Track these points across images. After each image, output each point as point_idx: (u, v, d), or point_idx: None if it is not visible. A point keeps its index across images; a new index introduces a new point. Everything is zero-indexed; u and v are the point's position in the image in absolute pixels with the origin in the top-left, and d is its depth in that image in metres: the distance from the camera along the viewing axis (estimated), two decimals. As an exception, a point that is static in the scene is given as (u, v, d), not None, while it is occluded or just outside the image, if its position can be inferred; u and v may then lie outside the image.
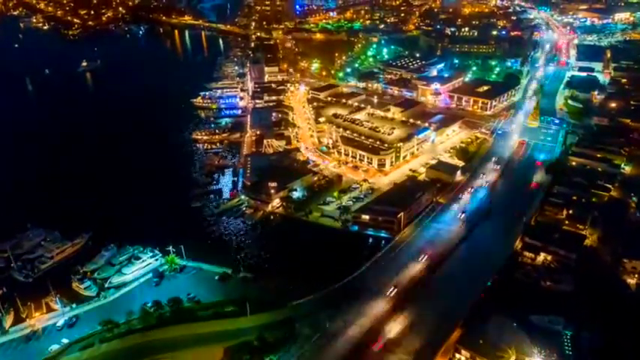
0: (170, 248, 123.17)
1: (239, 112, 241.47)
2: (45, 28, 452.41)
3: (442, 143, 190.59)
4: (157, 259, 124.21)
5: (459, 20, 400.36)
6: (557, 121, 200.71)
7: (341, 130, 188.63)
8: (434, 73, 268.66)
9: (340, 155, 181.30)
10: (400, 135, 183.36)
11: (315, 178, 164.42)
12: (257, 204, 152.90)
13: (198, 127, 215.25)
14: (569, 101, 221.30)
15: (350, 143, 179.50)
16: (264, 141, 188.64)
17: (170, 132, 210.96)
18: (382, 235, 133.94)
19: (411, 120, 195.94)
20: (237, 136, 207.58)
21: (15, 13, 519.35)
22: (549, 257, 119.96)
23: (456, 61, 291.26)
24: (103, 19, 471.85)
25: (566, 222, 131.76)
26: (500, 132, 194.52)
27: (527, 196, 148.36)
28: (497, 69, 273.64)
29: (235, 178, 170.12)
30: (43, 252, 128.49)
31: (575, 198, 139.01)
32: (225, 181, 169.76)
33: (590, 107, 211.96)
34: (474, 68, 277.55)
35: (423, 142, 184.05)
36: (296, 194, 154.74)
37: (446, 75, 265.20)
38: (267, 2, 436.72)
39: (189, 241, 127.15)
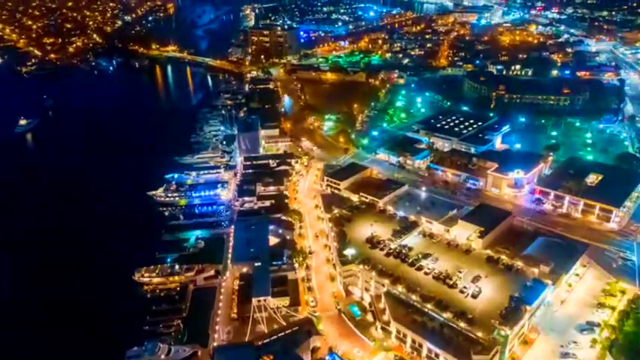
0: None
1: (220, 208, 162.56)
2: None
3: (563, 303, 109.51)
4: None
5: (503, 54, 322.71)
6: None
7: (386, 282, 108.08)
8: (498, 142, 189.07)
9: (388, 335, 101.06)
10: (495, 298, 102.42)
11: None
12: None
13: (145, 263, 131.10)
14: None
15: (405, 319, 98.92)
16: (253, 301, 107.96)
17: (105, 271, 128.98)
18: None
19: (503, 256, 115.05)
20: (211, 274, 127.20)
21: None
22: None
23: (522, 119, 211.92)
24: (70, 50, 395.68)
25: None
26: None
27: None
28: (589, 134, 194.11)
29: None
30: None
31: None
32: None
33: None
34: (554, 133, 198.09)
35: (535, 310, 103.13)
36: None
37: (518, 145, 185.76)
38: (266, 32, 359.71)
39: None
